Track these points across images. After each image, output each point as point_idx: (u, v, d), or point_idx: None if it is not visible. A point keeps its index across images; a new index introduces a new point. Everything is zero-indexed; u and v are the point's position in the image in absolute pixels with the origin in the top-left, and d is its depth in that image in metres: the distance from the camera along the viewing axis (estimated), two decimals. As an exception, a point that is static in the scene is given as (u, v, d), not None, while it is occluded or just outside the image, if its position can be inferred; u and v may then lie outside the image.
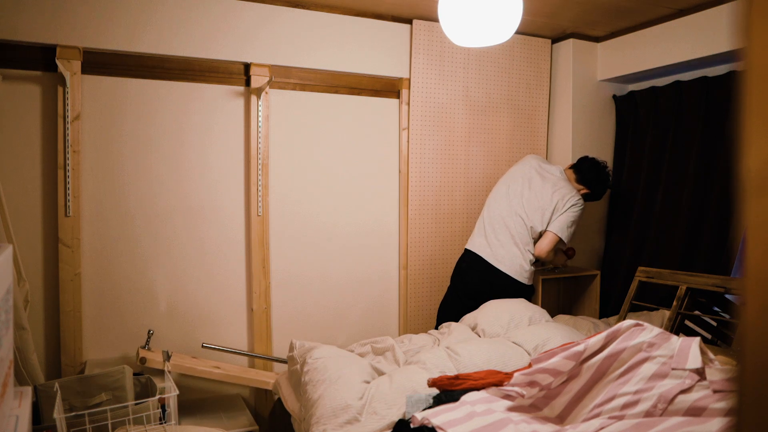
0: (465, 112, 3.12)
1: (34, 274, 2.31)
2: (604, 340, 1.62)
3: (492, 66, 3.17)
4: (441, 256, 3.08)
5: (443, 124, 3.07)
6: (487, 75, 3.16)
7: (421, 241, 3.04)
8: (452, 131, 3.09)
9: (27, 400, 1.44)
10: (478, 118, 3.16)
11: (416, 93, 2.98)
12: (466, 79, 3.10)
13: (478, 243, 2.77)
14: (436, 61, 3.01)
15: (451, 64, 3.05)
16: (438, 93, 3.04)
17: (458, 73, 3.08)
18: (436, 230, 3.08)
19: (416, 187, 3.01)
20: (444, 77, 3.04)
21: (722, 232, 2.74)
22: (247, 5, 2.59)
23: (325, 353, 2.03)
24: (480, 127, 3.17)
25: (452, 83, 3.07)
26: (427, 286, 3.06)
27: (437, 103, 3.04)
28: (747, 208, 0.36)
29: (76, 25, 2.29)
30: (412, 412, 1.70)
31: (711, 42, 2.68)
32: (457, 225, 3.14)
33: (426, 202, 3.04)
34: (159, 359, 2.25)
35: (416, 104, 2.99)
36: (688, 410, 1.37)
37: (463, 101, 3.10)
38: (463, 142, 3.12)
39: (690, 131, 2.92)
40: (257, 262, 2.65)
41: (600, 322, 2.82)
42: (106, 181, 2.44)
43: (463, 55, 3.07)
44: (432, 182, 3.06)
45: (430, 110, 3.03)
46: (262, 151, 2.64)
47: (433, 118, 3.04)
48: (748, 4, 0.35)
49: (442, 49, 3.01)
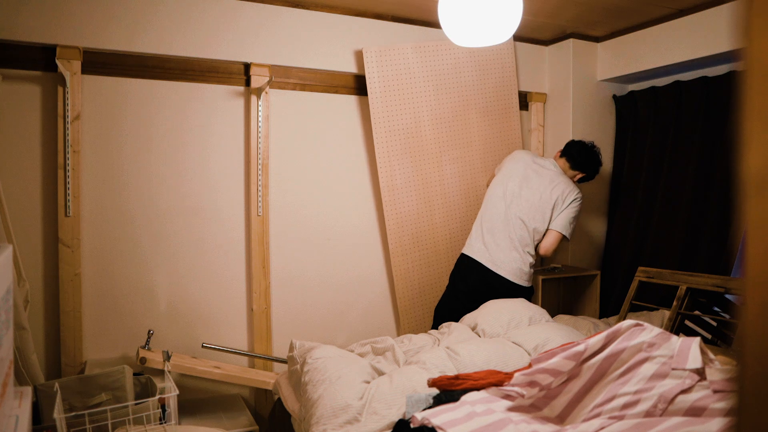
0: (432, 130, 2.98)
1: (34, 274, 2.31)
2: (604, 340, 1.62)
3: (453, 76, 3.02)
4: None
5: (411, 148, 2.92)
6: (449, 87, 3.01)
7: (408, 274, 2.96)
8: (421, 152, 2.95)
9: (27, 400, 1.44)
10: (447, 134, 3.02)
11: (378, 122, 2.83)
12: (428, 96, 2.95)
13: (477, 248, 2.73)
14: (393, 85, 2.85)
15: (409, 84, 2.89)
16: (401, 117, 2.89)
17: (419, 91, 2.92)
18: (421, 260, 2.99)
19: (393, 218, 2.89)
20: (404, 99, 2.89)
21: (722, 232, 2.74)
22: (247, 5, 2.59)
23: (325, 353, 2.03)
24: (450, 143, 3.04)
25: (414, 104, 2.91)
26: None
27: (401, 127, 2.89)
28: (747, 208, 0.36)
29: (76, 25, 2.29)
30: (412, 412, 1.70)
31: (711, 42, 2.68)
32: (441, 249, 3.04)
33: (405, 230, 2.92)
34: (159, 359, 2.25)
35: (380, 132, 2.84)
36: (688, 410, 1.37)
37: (429, 120, 2.96)
38: (435, 162, 2.99)
39: (690, 131, 2.92)
40: (257, 262, 2.65)
41: (600, 322, 2.82)
42: (106, 181, 2.44)
43: (421, 71, 2.92)
44: (408, 209, 2.93)
45: (396, 136, 2.88)
46: (262, 151, 2.64)
47: (399, 143, 2.89)
48: (748, 4, 0.35)
49: (397, 71, 2.86)
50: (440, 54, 2.98)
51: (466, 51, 3.03)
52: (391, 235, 2.90)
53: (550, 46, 3.37)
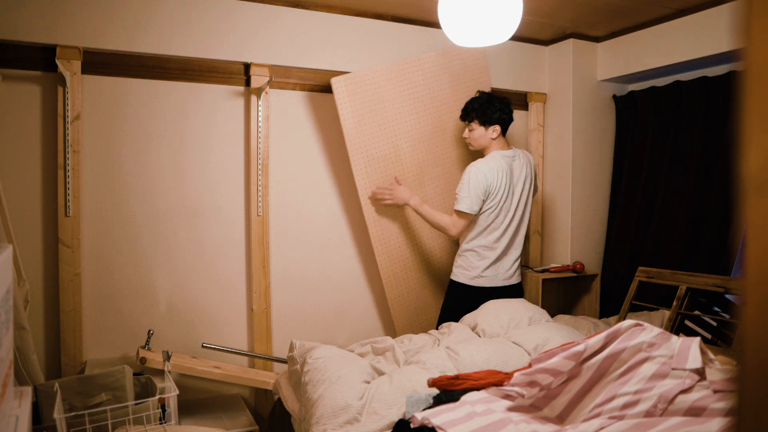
0: (411, 151, 2.85)
1: (34, 274, 2.31)
2: (604, 340, 1.62)
3: (427, 93, 2.87)
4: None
5: (392, 173, 2.80)
6: (425, 104, 2.86)
7: (402, 299, 2.91)
8: (402, 176, 2.82)
9: (27, 400, 1.44)
10: (426, 153, 2.90)
11: (356, 154, 2.70)
12: (405, 117, 2.82)
13: (502, 276, 2.69)
14: (367, 113, 2.71)
15: (383, 109, 2.75)
16: (378, 144, 2.76)
17: (394, 114, 2.78)
18: (412, 288, 2.93)
19: (382, 251, 2.81)
20: (380, 126, 2.75)
21: (722, 232, 2.74)
22: (247, 5, 2.59)
23: (325, 353, 2.03)
24: (431, 161, 2.92)
25: (391, 128, 2.78)
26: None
27: (380, 155, 2.77)
28: (747, 208, 0.36)
29: (76, 25, 2.29)
30: (412, 412, 1.70)
31: (711, 42, 2.68)
32: (431, 272, 2.98)
33: (395, 261, 2.85)
34: (159, 359, 2.25)
35: (359, 164, 2.72)
36: (688, 410, 1.37)
37: (407, 142, 2.83)
38: (416, 183, 2.87)
39: (690, 131, 2.92)
40: (257, 261, 2.65)
41: (600, 322, 2.82)
42: (106, 181, 2.43)
43: (394, 93, 2.77)
44: (396, 242, 2.85)
45: (375, 164, 2.76)
46: (262, 151, 2.64)
47: (379, 171, 2.77)
48: (748, 4, 0.35)
49: (369, 98, 2.72)
50: (411, 72, 2.82)
51: (437, 65, 2.87)
52: (383, 269, 2.82)
53: (550, 46, 3.37)
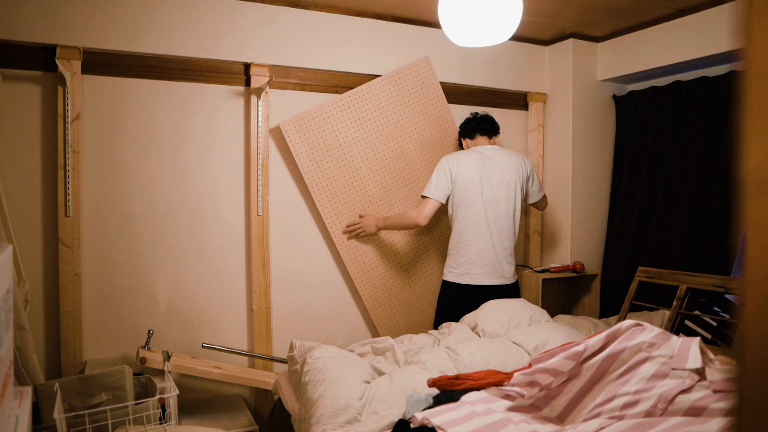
0: (374, 177, 2.88)
1: (34, 274, 2.31)
2: (604, 340, 1.62)
3: (380, 117, 2.88)
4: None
5: (356, 203, 2.84)
6: (379, 129, 2.89)
7: (389, 321, 2.93)
8: (367, 203, 2.86)
9: (27, 400, 1.45)
10: (389, 176, 2.91)
11: (317, 189, 2.74)
12: (360, 145, 2.84)
13: (479, 274, 2.67)
14: (321, 149, 2.75)
15: (337, 142, 2.78)
16: (337, 177, 2.79)
17: (349, 144, 2.81)
18: (398, 307, 2.96)
19: (359, 273, 2.85)
20: (337, 159, 2.79)
21: (722, 232, 2.74)
22: (247, 5, 2.59)
23: (325, 353, 2.03)
24: (395, 183, 2.93)
25: (347, 159, 2.81)
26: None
27: (341, 187, 2.81)
28: (747, 208, 0.36)
29: (76, 25, 2.29)
30: (412, 412, 1.70)
31: (711, 42, 2.68)
32: (416, 286, 3.01)
33: (373, 279, 2.89)
34: (159, 359, 2.25)
35: (321, 198, 2.76)
36: (688, 410, 1.37)
37: (367, 169, 2.86)
38: (384, 206, 2.90)
39: (690, 131, 2.92)
40: (257, 261, 2.65)
41: (600, 322, 2.82)
42: (106, 181, 2.44)
43: (345, 124, 2.80)
44: (371, 261, 2.88)
45: (337, 196, 2.80)
46: (262, 151, 2.64)
47: (343, 201, 2.81)
48: (748, 4, 0.35)
49: (322, 134, 2.75)
50: (362, 101, 2.84)
51: (389, 88, 2.89)
52: (360, 285, 2.86)
53: (550, 46, 3.37)
